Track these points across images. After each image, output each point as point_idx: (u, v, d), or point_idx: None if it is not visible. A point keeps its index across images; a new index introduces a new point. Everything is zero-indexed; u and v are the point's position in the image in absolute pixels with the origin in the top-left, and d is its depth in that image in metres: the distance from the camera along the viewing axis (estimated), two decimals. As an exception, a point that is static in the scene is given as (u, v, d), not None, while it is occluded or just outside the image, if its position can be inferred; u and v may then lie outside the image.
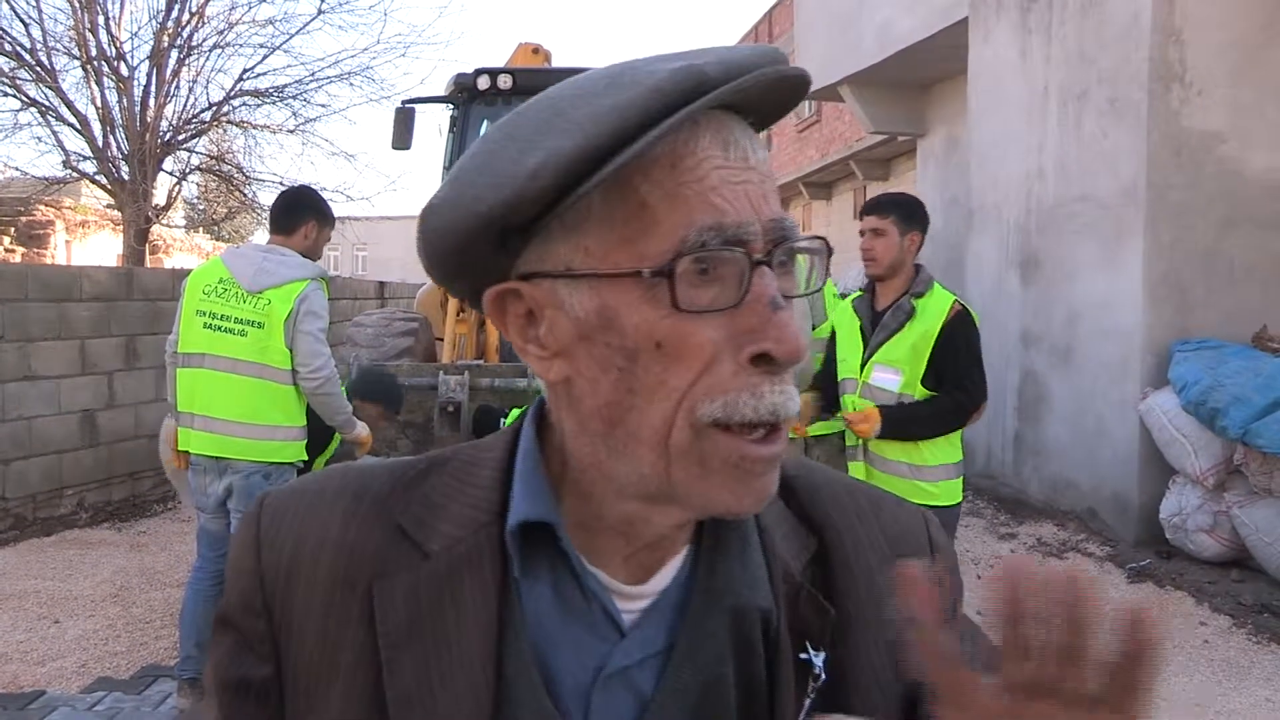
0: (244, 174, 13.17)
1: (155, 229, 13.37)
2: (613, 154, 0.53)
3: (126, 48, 11.65)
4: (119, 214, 12.45)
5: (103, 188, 12.11)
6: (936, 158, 10.76)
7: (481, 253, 0.59)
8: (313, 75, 12.58)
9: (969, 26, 7.95)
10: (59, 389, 6.48)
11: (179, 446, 3.58)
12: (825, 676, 0.62)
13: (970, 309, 3.27)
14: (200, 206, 21.17)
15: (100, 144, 11.52)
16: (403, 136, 6.43)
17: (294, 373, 3.49)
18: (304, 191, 3.93)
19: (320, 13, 12.32)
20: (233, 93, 12.26)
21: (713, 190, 0.55)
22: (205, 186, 17.39)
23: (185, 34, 11.89)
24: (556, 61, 7.08)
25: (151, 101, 11.64)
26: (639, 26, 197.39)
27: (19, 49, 11.01)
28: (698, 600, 0.62)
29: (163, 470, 5.29)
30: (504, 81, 5.96)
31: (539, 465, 0.64)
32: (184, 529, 6.01)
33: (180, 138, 12.16)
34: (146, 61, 11.71)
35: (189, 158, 12.95)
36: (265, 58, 12.53)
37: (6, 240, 13.94)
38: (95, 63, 11.31)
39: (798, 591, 0.64)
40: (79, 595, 4.97)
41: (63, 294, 6.50)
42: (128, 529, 6.37)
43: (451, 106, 6.40)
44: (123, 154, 11.60)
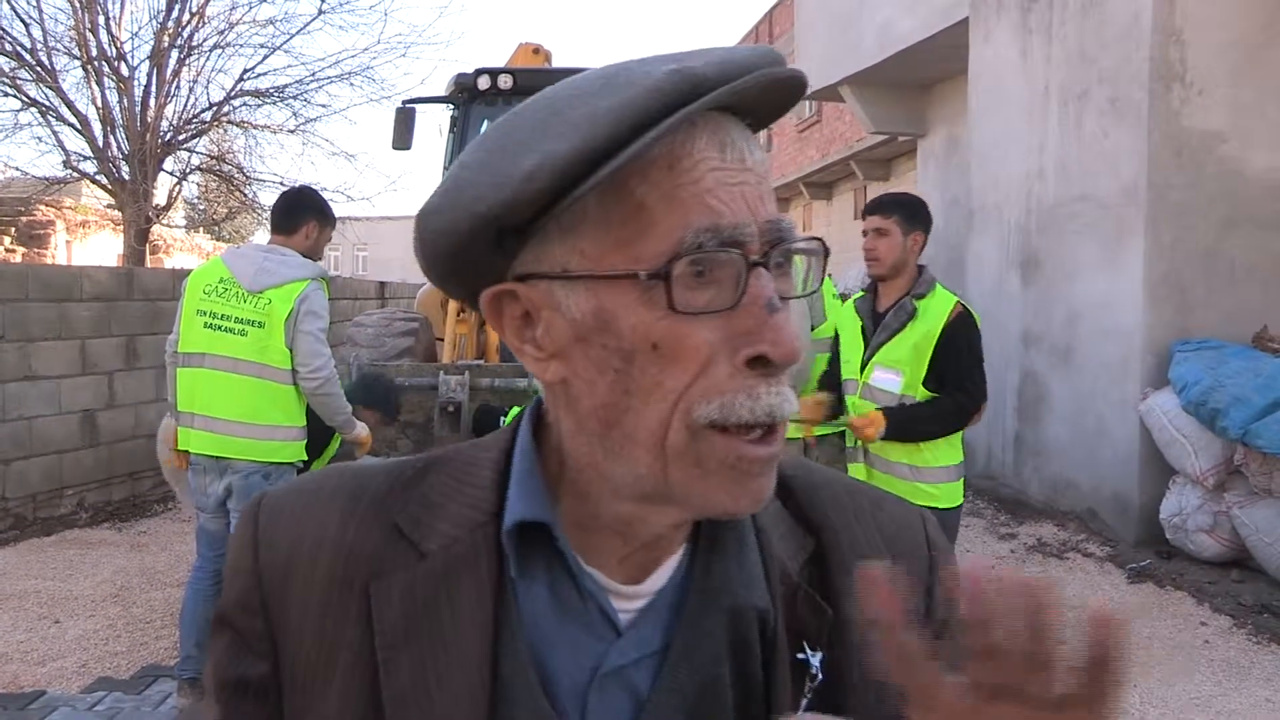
0: (244, 174, 13.19)
1: (156, 229, 13.37)
2: (609, 156, 0.53)
3: (127, 48, 11.68)
4: (119, 214, 12.45)
5: (103, 188, 12.12)
6: (937, 158, 10.75)
7: (478, 254, 0.59)
8: (313, 75, 12.62)
9: (969, 26, 7.95)
10: (59, 389, 6.48)
11: (179, 446, 3.58)
12: (822, 677, 0.62)
13: (972, 310, 3.27)
14: (201, 206, 21.19)
15: (101, 144, 11.53)
16: (403, 136, 6.44)
17: (294, 373, 3.49)
18: (305, 192, 3.93)
19: (321, 13, 12.36)
20: (233, 93, 12.29)
21: (709, 192, 0.55)
22: (206, 186, 17.42)
23: (186, 34, 11.91)
24: (556, 61, 7.09)
25: (152, 101, 11.65)
26: (639, 26, 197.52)
27: (19, 49, 11.03)
28: (694, 600, 0.62)
29: (162, 470, 5.29)
30: (504, 82, 5.97)
31: (535, 465, 0.64)
32: (184, 529, 6.00)
33: (181, 138, 12.17)
34: (147, 61, 11.73)
35: (189, 158, 12.99)
36: (266, 58, 12.58)
37: (7, 240, 13.94)
38: (96, 63, 11.32)
39: (795, 592, 0.64)
40: (79, 595, 4.98)
41: (63, 294, 6.50)
42: (128, 529, 6.37)
43: (452, 106, 6.40)
44: (123, 154, 11.61)
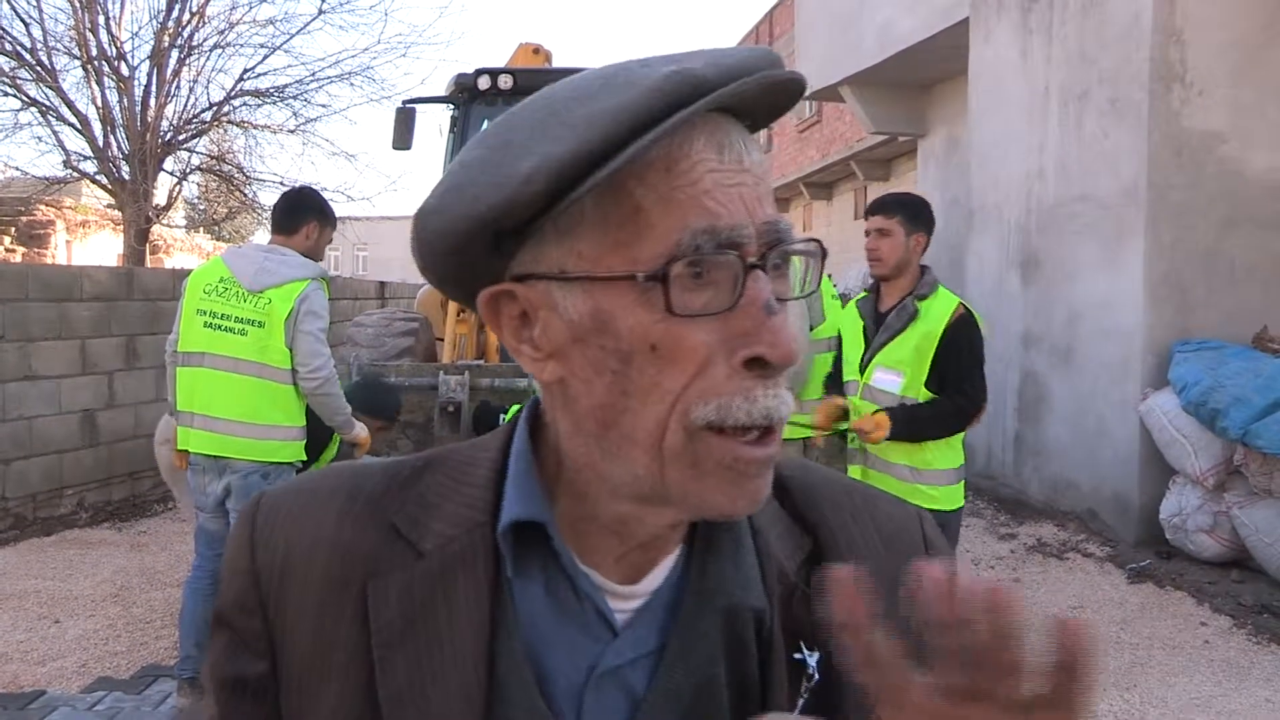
0: (244, 174, 13.19)
1: (156, 229, 13.38)
2: (606, 158, 0.53)
3: (127, 47, 11.68)
4: (119, 214, 12.46)
5: (103, 188, 12.12)
6: (937, 158, 10.75)
7: (476, 255, 0.59)
8: (313, 75, 12.62)
9: (970, 27, 7.95)
10: (59, 389, 6.48)
11: (178, 446, 3.58)
12: (819, 677, 0.62)
13: (974, 312, 3.25)
14: (201, 206, 21.19)
15: (101, 144, 11.53)
16: (403, 136, 6.44)
17: (294, 372, 3.49)
18: (306, 192, 3.93)
19: (321, 13, 12.35)
20: (233, 93, 12.29)
21: (707, 194, 0.55)
22: (206, 186, 17.42)
23: (186, 34, 11.91)
24: (556, 62, 7.09)
25: (152, 101, 11.65)
26: (639, 26, 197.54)
27: (19, 49, 11.03)
28: (690, 600, 0.62)
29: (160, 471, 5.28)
30: (504, 82, 5.97)
31: (532, 465, 0.64)
32: (184, 529, 6.00)
33: (181, 138, 12.17)
34: (147, 61, 11.73)
35: (189, 158, 12.99)
36: (266, 58, 12.57)
37: (7, 240, 13.95)
38: (96, 62, 11.32)
39: (792, 592, 0.64)
40: (79, 595, 4.98)
41: (63, 294, 6.50)
42: (128, 529, 6.37)
43: (452, 107, 6.41)
44: (123, 154, 11.61)
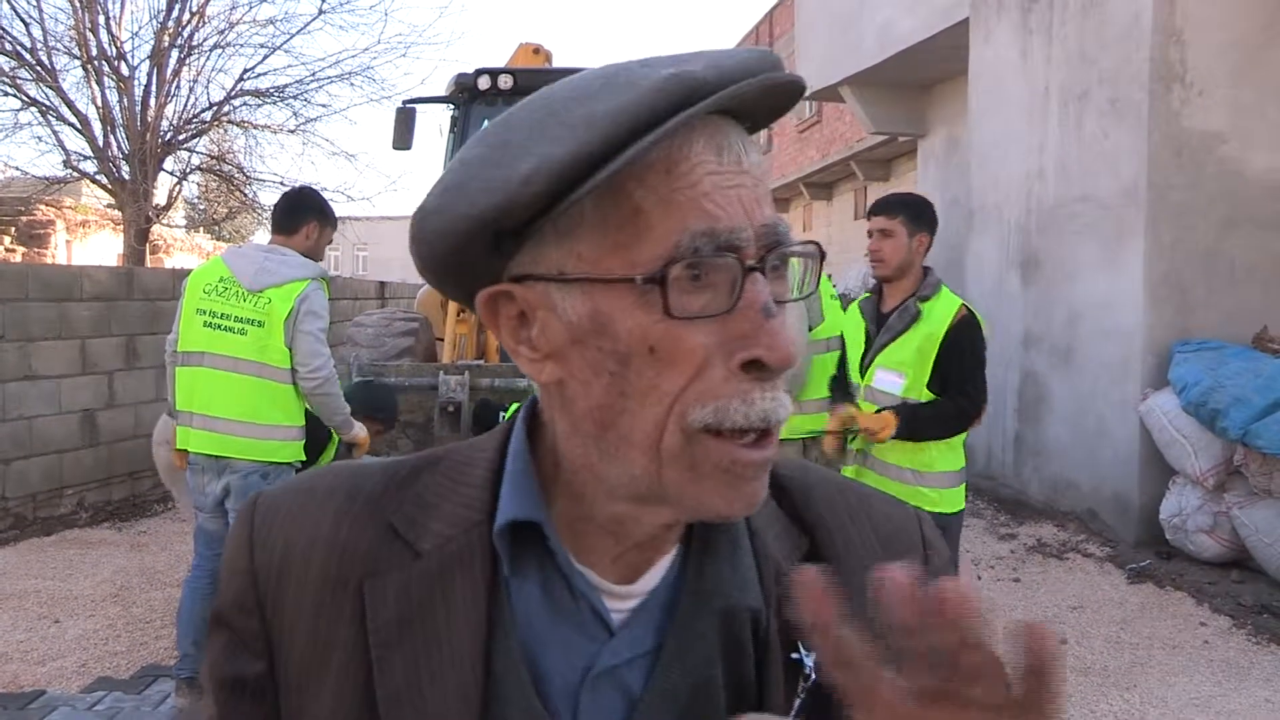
0: (244, 174, 13.19)
1: (156, 229, 13.38)
2: (606, 160, 0.53)
3: (127, 47, 11.68)
4: (119, 214, 12.46)
5: (103, 187, 12.12)
6: (937, 158, 10.75)
7: (474, 255, 0.59)
8: (313, 75, 12.63)
9: (970, 27, 7.95)
10: (59, 389, 6.49)
11: (177, 445, 3.58)
12: (815, 677, 0.62)
13: (977, 314, 3.23)
14: (201, 206, 21.18)
15: (101, 144, 11.53)
16: (403, 136, 6.45)
17: (293, 372, 3.49)
18: (306, 192, 3.92)
19: (321, 12, 12.36)
20: (233, 92, 12.29)
21: (705, 196, 0.55)
22: (206, 186, 17.42)
23: (186, 34, 11.92)
24: (557, 62, 7.09)
25: (152, 101, 11.65)
26: (639, 26, 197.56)
27: (19, 48, 11.03)
28: (686, 601, 0.63)
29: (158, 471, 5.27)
30: (504, 82, 5.97)
31: (529, 465, 0.64)
32: (184, 529, 6.00)
33: (181, 137, 12.18)
34: (147, 61, 11.74)
35: (189, 157, 12.99)
36: (266, 57, 12.57)
37: (7, 240, 13.96)
38: (96, 62, 11.32)
39: (788, 592, 0.64)
40: (79, 595, 4.98)
41: (63, 294, 6.50)
42: (128, 529, 6.37)
43: (452, 106, 6.41)
44: (123, 154, 11.61)
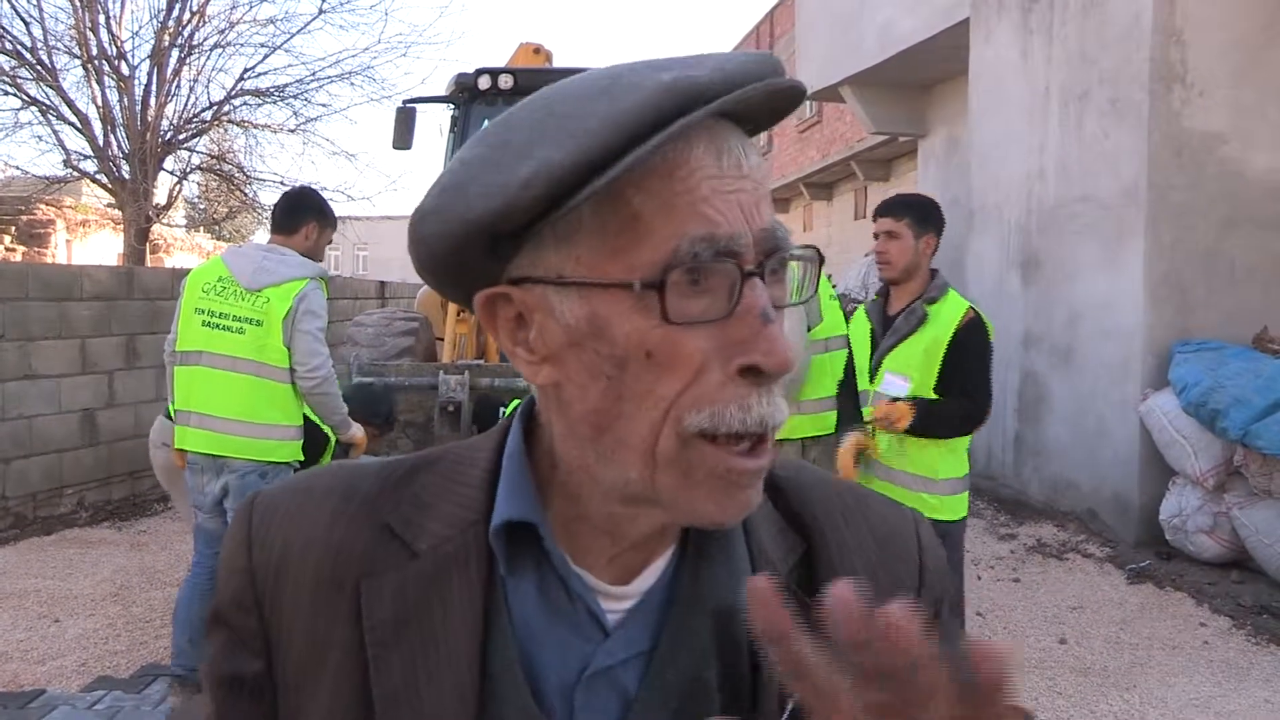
0: (244, 173, 13.19)
1: (156, 228, 13.37)
2: (606, 165, 0.53)
3: (127, 47, 11.68)
4: (119, 213, 12.46)
5: (103, 187, 12.12)
6: (937, 158, 10.75)
7: (473, 258, 0.59)
8: (313, 75, 12.62)
9: (970, 27, 7.95)
10: (59, 388, 6.49)
11: (175, 445, 3.58)
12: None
13: (984, 317, 3.18)
14: (201, 206, 21.19)
15: (101, 143, 11.53)
16: (403, 136, 6.45)
17: (292, 371, 3.49)
18: (306, 192, 3.92)
19: (321, 12, 12.35)
20: (233, 92, 12.29)
21: (704, 201, 0.54)
22: (206, 186, 17.41)
23: (186, 33, 11.91)
24: (557, 61, 7.09)
25: (152, 100, 11.65)
26: (639, 26, 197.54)
27: (20, 48, 11.02)
28: (682, 601, 0.63)
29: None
30: (505, 81, 5.98)
31: (525, 466, 0.64)
32: (184, 528, 5.99)
33: (181, 137, 12.18)
34: (147, 61, 11.73)
35: (190, 157, 12.99)
36: (266, 57, 12.58)
37: (7, 239, 13.97)
38: (96, 62, 11.32)
39: (784, 592, 0.64)
40: (79, 594, 4.98)
41: (63, 293, 6.51)
42: (128, 528, 6.37)
43: (452, 106, 6.41)
44: (123, 153, 11.61)
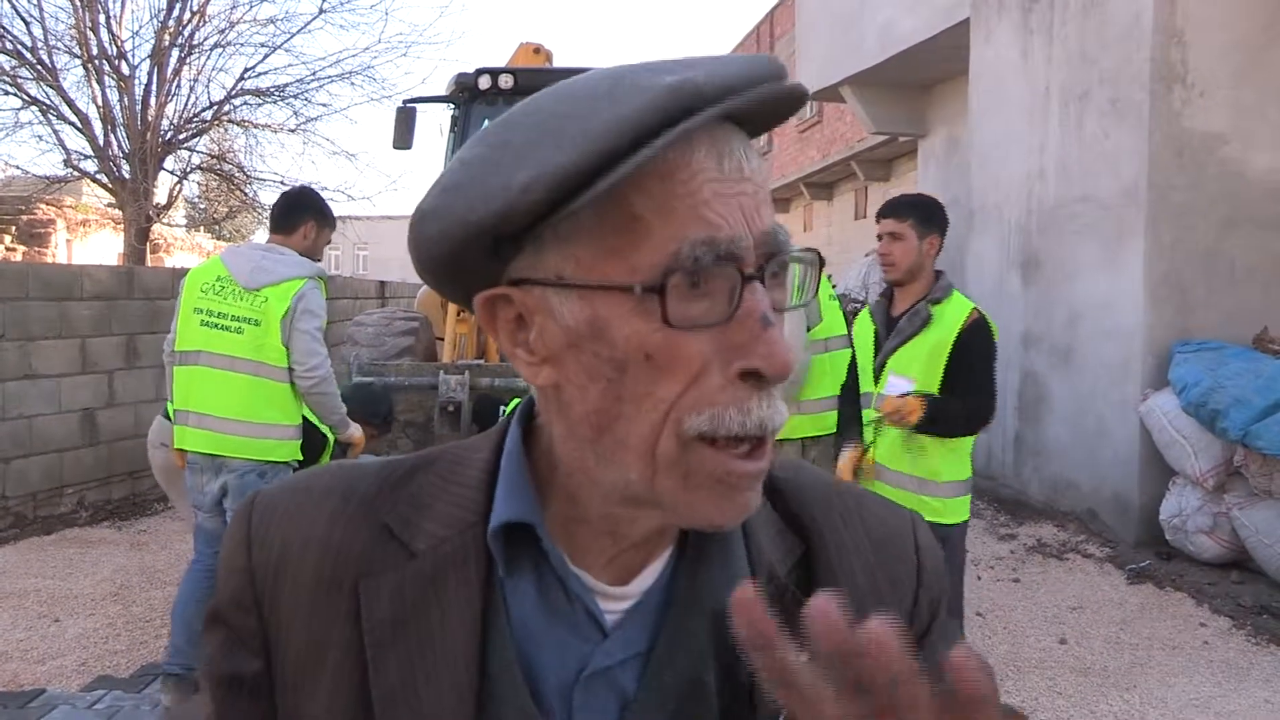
0: (245, 173, 13.19)
1: (156, 228, 13.37)
2: (607, 168, 0.52)
3: (128, 46, 11.68)
4: (120, 213, 12.46)
5: (104, 186, 12.12)
6: (938, 158, 10.75)
7: (473, 259, 0.59)
8: (314, 74, 12.63)
9: (970, 27, 7.95)
10: (59, 388, 6.49)
11: (175, 444, 3.58)
12: None
13: (989, 319, 3.18)
14: (201, 205, 21.19)
15: (101, 143, 11.53)
16: (404, 136, 6.45)
17: (290, 371, 3.49)
18: (305, 192, 3.92)
19: (321, 12, 12.35)
20: (234, 92, 12.29)
21: (705, 204, 0.54)
22: (206, 185, 17.42)
23: (186, 33, 11.92)
24: (557, 61, 7.09)
25: (152, 100, 11.66)
26: (639, 26, 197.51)
27: (20, 47, 11.03)
28: (680, 602, 0.63)
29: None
30: (505, 81, 5.98)
31: (523, 466, 0.64)
32: (184, 528, 5.99)
33: (181, 137, 12.18)
34: (148, 60, 11.74)
35: (190, 157, 12.99)
36: (266, 57, 12.59)
37: (7, 239, 13.97)
38: (96, 61, 11.32)
39: (782, 594, 0.64)
40: (79, 594, 4.98)
41: (63, 293, 6.51)
42: (128, 528, 6.37)
43: (452, 106, 6.41)
44: (124, 153, 11.61)
